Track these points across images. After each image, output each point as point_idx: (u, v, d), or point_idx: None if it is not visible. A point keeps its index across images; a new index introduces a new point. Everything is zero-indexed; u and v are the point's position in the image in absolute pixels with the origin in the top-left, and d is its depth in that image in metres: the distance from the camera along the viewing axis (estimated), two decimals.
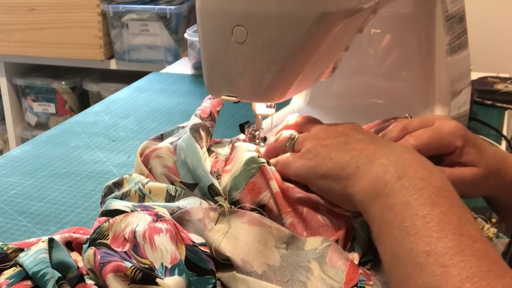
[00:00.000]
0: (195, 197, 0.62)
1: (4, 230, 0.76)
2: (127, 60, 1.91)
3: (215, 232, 0.57)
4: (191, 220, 0.59)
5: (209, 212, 0.59)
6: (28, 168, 0.94)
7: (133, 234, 0.55)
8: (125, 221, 0.56)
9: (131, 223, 0.56)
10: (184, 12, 1.85)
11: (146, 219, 0.56)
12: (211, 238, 0.57)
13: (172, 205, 0.61)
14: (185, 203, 0.61)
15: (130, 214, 0.57)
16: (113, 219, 0.57)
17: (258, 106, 0.69)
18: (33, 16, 1.92)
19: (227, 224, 0.58)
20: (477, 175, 0.66)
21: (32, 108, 2.13)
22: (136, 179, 0.66)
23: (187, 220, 0.59)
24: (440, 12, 0.85)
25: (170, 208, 0.60)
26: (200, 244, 0.55)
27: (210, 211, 0.59)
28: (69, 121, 1.15)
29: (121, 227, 0.56)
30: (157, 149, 0.67)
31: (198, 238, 0.57)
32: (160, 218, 0.56)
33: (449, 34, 0.88)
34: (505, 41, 1.68)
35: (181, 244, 0.54)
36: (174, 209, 0.60)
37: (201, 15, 0.64)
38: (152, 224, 0.55)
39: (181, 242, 0.54)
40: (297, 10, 0.58)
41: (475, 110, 1.14)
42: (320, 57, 0.63)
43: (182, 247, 0.54)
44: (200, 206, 0.60)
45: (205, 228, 0.58)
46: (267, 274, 0.55)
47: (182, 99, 1.27)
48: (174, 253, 0.53)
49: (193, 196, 0.63)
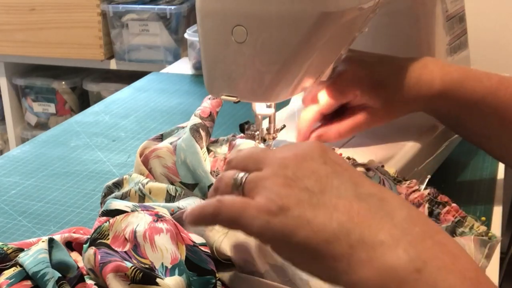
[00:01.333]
0: (195, 197, 0.62)
1: (4, 230, 0.76)
2: (127, 60, 1.91)
3: (215, 232, 0.57)
4: None
5: None
6: (28, 168, 0.94)
7: (133, 234, 0.55)
8: (126, 221, 0.56)
9: (132, 223, 0.56)
10: (184, 12, 1.85)
11: (146, 219, 0.56)
12: (211, 238, 0.57)
13: (172, 205, 0.61)
14: (185, 203, 0.61)
15: (131, 214, 0.57)
16: (114, 219, 0.57)
17: (258, 106, 0.69)
18: (33, 16, 1.92)
19: None
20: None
21: (32, 108, 2.13)
22: (136, 179, 0.66)
23: None
24: (440, 12, 0.85)
25: (171, 209, 0.60)
26: (201, 244, 0.56)
27: None
28: (69, 121, 1.15)
29: (122, 227, 0.56)
30: (156, 149, 0.67)
31: (199, 238, 0.57)
32: (160, 218, 0.56)
33: (449, 34, 0.88)
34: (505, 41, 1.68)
35: (182, 244, 0.54)
36: (174, 209, 0.60)
37: (201, 15, 0.64)
38: (153, 224, 0.55)
39: (181, 242, 0.54)
40: (297, 10, 0.58)
41: None
42: (320, 57, 0.63)
43: (183, 247, 0.54)
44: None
45: (206, 228, 0.58)
46: (269, 273, 0.55)
47: (182, 99, 1.27)
48: (174, 253, 0.53)
49: (193, 197, 0.63)
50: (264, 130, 0.71)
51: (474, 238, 0.61)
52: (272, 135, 0.71)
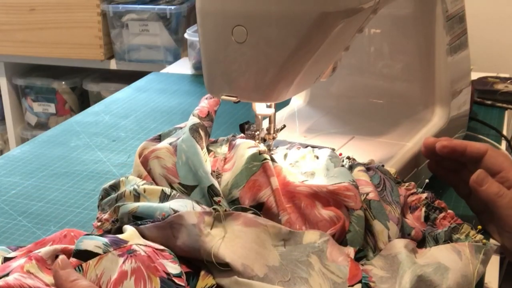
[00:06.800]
0: (188, 200, 0.61)
1: (4, 230, 0.76)
2: (127, 60, 1.91)
3: (212, 237, 0.56)
4: (185, 224, 0.57)
5: (204, 216, 0.58)
6: (28, 168, 0.94)
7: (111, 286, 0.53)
8: (100, 267, 0.54)
9: (106, 270, 0.54)
10: (184, 12, 1.85)
11: (119, 262, 0.54)
12: (208, 244, 0.56)
13: (165, 206, 0.60)
14: (177, 205, 0.60)
15: (103, 257, 0.55)
16: (86, 265, 0.55)
17: (258, 106, 0.69)
18: (33, 16, 1.92)
19: (223, 229, 0.57)
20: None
21: (32, 108, 2.13)
22: (132, 182, 0.66)
23: (180, 225, 0.58)
24: (440, 12, 0.85)
25: (162, 213, 0.59)
26: (175, 275, 0.54)
27: (205, 216, 0.58)
28: (69, 121, 1.15)
29: (96, 274, 0.54)
30: (156, 149, 0.67)
31: (174, 268, 0.55)
32: (131, 254, 0.55)
33: (449, 34, 0.88)
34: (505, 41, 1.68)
35: (155, 277, 0.53)
36: (166, 213, 0.59)
37: (201, 15, 0.64)
38: (120, 269, 0.53)
39: (154, 274, 0.53)
40: (297, 10, 0.58)
41: (475, 110, 1.14)
42: (320, 57, 0.63)
43: (157, 280, 0.53)
44: (193, 210, 0.59)
45: (201, 234, 0.57)
46: (268, 276, 0.55)
47: (182, 99, 1.27)
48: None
49: (185, 199, 0.62)
50: (264, 130, 0.71)
51: (469, 244, 0.61)
52: (272, 135, 0.71)
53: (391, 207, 0.63)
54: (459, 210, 0.76)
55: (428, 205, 0.67)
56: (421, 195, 0.68)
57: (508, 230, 0.68)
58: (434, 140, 0.75)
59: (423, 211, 0.67)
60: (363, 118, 0.91)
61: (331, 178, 0.63)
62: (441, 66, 0.88)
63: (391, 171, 0.69)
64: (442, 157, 0.75)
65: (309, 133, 0.86)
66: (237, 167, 0.63)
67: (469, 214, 0.75)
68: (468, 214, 0.75)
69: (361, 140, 0.83)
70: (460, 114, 0.95)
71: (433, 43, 0.87)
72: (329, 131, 0.87)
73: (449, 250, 0.61)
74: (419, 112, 0.90)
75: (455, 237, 0.64)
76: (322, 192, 0.61)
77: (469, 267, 0.59)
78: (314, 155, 0.69)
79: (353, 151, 0.75)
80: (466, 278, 0.58)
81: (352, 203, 0.60)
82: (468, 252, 0.60)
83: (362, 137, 0.84)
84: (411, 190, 0.68)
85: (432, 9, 0.85)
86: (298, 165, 0.68)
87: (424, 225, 0.66)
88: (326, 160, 0.67)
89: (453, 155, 0.74)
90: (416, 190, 0.68)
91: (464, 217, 0.68)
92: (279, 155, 0.70)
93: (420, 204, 0.67)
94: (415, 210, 0.67)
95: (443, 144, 0.74)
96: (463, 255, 0.60)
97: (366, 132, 0.85)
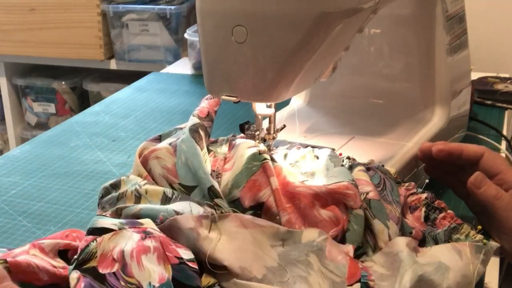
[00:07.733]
0: (190, 201, 0.61)
1: (4, 230, 0.76)
2: (127, 60, 1.91)
3: (210, 240, 0.56)
4: (182, 228, 0.57)
5: (201, 220, 0.58)
6: (28, 168, 0.94)
7: (121, 254, 0.54)
8: (114, 241, 0.55)
9: (120, 243, 0.55)
10: (184, 12, 1.85)
11: (134, 238, 0.55)
12: (205, 248, 0.56)
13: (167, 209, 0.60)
14: (180, 206, 0.60)
15: (119, 232, 0.56)
16: (101, 238, 0.55)
17: (258, 106, 0.69)
18: (33, 16, 1.92)
19: (220, 231, 0.57)
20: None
21: (32, 108, 2.13)
22: (133, 181, 0.66)
23: (177, 228, 0.58)
24: (440, 12, 0.85)
25: (160, 216, 0.59)
26: (188, 260, 0.55)
27: (202, 219, 0.58)
28: (69, 121, 1.15)
29: (110, 246, 0.55)
30: (156, 150, 0.67)
31: (187, 253, 0.55)
32: (148, 235, 0.55)
33: (449, 34, 0.88)
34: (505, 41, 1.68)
35: (167, 264, 0.53)
36: (164, 216, 0.59)
37: (201, 15, 0.64)
38: (141, 242, 0.54)
39: (167, 262, 0.54)
40: (297, 10, 0.58)
41: (475, 110, 1.14)
42: (320, 57, 0.63)
43: (168, 267, 0.53)
44: (191, 212, 0.59)
45: (199, 237, 0.56)
46: (267, 277, 0.55)
47: (182, 99, 1.27)
48: (161, 273, 0.52)
49: (188, 201, 0.62)
50: (264, 130, 0.71)
51: (469, 244, 0.61)
52: (272, 135, 0.71)
53: (391, 207, 0.63)
54: (459, 210, 0.76)
55: (428, 205, 0.67)
56: (421, 195, 0.68)
57: (507, 232, 0.67)
58: (430, 145, 0.75)
59: (423, 211, 0.67)
60: (363, 118, 0.91)
61: (331, 178, 0.63)
62: (441, 66, 0.88)
63: (391, 171, 0.69)
64: (439, 161, 0.75)
65: (309, 133, 0.86)
66: (237, 167, 0.63)
67: (469, 214, 0.75)
68: (468, 214, 0.75)
69: (361, 140, 0.83)
70: (460, 114, 0.95)
71: (433, 43, 0.87)
72: (329, 131, 0.87)
73: (450, 249, 0.61)
74: (419, 112, 0.90)
75: (455, 237, 0.64)
76: (322, 192, 0.61)
77: (469, 267, 0.59)
78: (314, 155, 0.69)
79: (353, 151, 0.75)
80: (466, 278, 0.58)
81: (351, 202, 0.61)
82: (468, 252, 0.60)
83: (362, 137, 0.84)
84: (411, 190, 0.68)
85: (432, 9, 0.85)
86: (298, 165, 0.68)
87: (424, 225, 0.66)
88: (326, 160, 0.67)
89: (450, 158, 0.74)
90: (416, 190, 0.68)
91: (464, 217, 0.68)
92: (279, 155, 0.70)
93: (420, 204, 0.67)
94: (415, 210, 0.67)
95: (439, 148, 0.74)
96: (464, 255, 0.60)
97: (366, 132, 0.85)
